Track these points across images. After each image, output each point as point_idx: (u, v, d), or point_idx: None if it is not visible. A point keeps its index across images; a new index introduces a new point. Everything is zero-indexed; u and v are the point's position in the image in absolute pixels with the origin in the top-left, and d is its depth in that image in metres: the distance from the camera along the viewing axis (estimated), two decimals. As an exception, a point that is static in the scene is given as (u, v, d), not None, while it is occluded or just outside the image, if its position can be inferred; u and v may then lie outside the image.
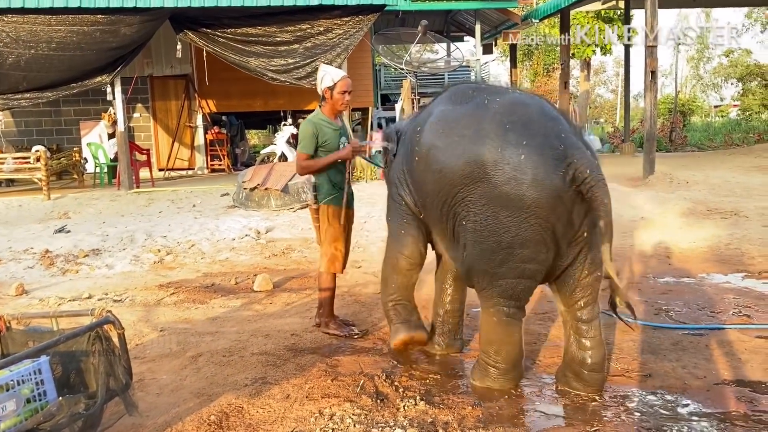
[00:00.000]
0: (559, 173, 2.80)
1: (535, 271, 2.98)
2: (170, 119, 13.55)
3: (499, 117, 2.94)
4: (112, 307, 4.61)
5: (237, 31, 10.23)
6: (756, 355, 3.48)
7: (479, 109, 3.04)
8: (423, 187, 3.26)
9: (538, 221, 2.84)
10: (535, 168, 2.80)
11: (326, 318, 4.18)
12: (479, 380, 3.24)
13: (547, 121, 2.94)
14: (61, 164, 11.49)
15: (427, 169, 3.16)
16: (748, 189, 9.42)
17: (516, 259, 2.92)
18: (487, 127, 2.92)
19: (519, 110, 2.98)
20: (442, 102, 3.32)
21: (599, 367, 3.08)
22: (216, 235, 7.33)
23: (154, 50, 12.46)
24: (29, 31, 9.26)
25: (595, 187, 2.80)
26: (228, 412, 2.99)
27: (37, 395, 2.35)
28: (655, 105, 10.78)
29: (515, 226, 2.86)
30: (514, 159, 2.82)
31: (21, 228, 7.85)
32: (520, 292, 3.05)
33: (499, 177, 2.84)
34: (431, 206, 3.22)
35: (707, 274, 5.39)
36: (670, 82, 34.01)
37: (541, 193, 2.80)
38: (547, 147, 2.83)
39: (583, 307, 3.08)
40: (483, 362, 3.22)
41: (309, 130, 4.02)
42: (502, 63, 32.54)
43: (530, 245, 2.88)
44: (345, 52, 10.45)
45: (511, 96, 3.14)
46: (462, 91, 3.31)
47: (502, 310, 3.07)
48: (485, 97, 3.10)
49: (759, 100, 29.51)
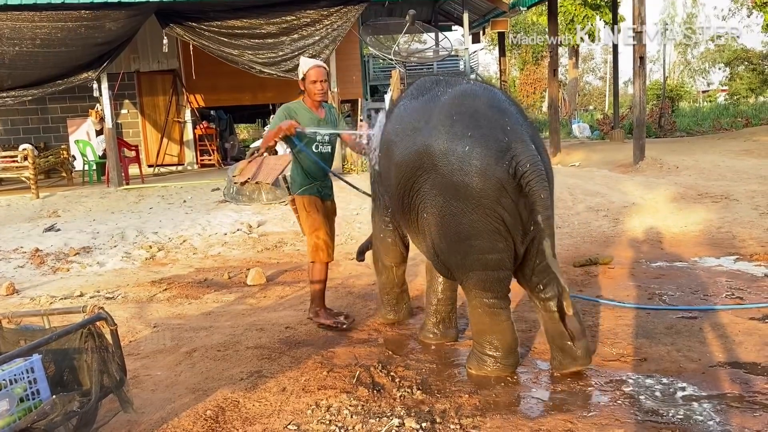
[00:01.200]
0: (502, 165, 2.86)
1: (499, 261, 3.01)
2: (158, 115, 13.44)
3: (447, 109, 3.02)
4: (105, 304, 4.58)
5: (223, 24, 10.15)
6: (750, 337, 3.50)
7: (431, 102, 3.13)
8: (387, 181, 3.39)
9: (487, 211, 2.89)
10: (479, 159, 2.86)
11: (316, 307, 4.16)
12: (475, 369, 3.25)
13: (494, 114, 2.98)
14: (49, 162, 11.38)
15: (389, 163, 3.29)
16: (738, 173, 9.47)
17: (476, 251, 2.98)
18: (436, 119, 3.01)
19: (467, 102, 3.04)
20: (406, 96, 3.43)
21: (579, 334, 3.13)
22: (207, 230, 7.29)
23: (140, 45, 12.34)
24: (12, 28, 9.14)
25: (533, 181, 2.82)
26: (224, 406, 2.97)
27: (30, 394, 2.33)
28: (644, 91, 10.79)
29: (467, 217, 2.92)
30: (459, 150, 2.89)
31: (10, 227, 7.78)
32: (492, 284, 3.07)
33: (447, 167, 2.92)
34: (395, 198, 3.33)
35: (699, 258, 5.41)
36: (658, 68, 34.13)
37: (486, 183, 2.86)
38: (491, 139, 2.89)
39: (543, 289, 3.17)
40: (477, 352, 3.26)
41: (281, 114, 4.07)
42: (490, 52, 32.53)
43: (485, 236, 2.93)
44: (333, 43, 10.39)
45: (463, 87, 3.20)
46: (422, 85, 3.39)
47: (482, 302, 3.12)
48: (440, 89, 3.19)
49: (746, 84, 29.63)
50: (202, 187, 9.99)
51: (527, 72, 31.53)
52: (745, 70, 29.94)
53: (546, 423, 2.69)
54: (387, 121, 3.50)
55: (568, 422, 2.69)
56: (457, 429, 2.67)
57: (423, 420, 2.73)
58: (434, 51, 15.63)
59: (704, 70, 36.97)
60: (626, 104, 22.09)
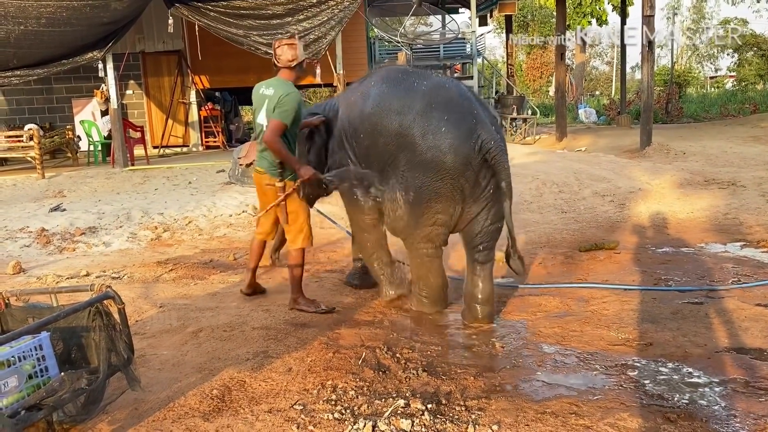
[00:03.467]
0: (470, 143, 3.49)
1: (446, 221, 3.66)
2: (163, 96, 13.40)
3: (427, 98, 3.60)
4: (111, 284, 4.59)
5: (229, 4, 10.07)
6: (756, 323, 3.49)
7: (410, 91, 3.68)
8: (368, 158, 3.82)
9: (452, 182, 3.51)
10: (452, 139, 3.48)
11: (296, 294, 4.15)
12: (415, 306, 3.97)
13: (463, 101, 3.63)
14: (54, 142, 11.38)
15: (372, 142, 3.75)
16: (745, 159, 9.42)
17: (432, 212, 3.59)
18: (418, 106, 3.57)
19: (442, 92, 3.66)
20: (377, 84, 3.86)
21: (487, 301, 3.76)
22: (213, 211, 7.29)
23: (145, 26, 12.29)
24: (18, 7, 9.07)
25: (498, 155, 3.51)
26: (230, 385, 2.99)
27: (38, 371, 2.35)
28: (652, 76, 10.71)
29: (434, 185, 3.52)
30: (435, 131, 3.50)
31: (16, 207, 7.80)
32: (435, 237, 3.71)
33: (424, 145, 3.51)
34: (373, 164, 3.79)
35: (706, 244, 5.39)
36: (665, 53, 33.80)
37: (456, 158, 3.48)
38: (462, 122, 3.52)
39: (482, 251, 3.76)
40: (416, 293, 3.95)
41: (298, 99, 3.93)
42: (497, 35, 32.26)
43: (443, 200, 3.56)
44: (339, 24, 10.31)
45: (435, 80, 3.85)
46: (393, 75, 3.94)
47: (422, 251, 3.75)
48: (414, 80, 3.75)
49: (755, 70, 29.36)
50: (207, 168, 9.98)
51: (534, 56, 31.28)
52: (753, 55, 29.65)
53: (551, 405, 2.70)
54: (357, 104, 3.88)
55: (573, 405, 2.70)
56: (462, 411, 2.68)
57: (428, 401, 2.75)
58: (441, 33, 15.51)
59: (712, 55, 36.63)
60: (633, 90, 21.90)
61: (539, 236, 5.87)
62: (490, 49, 33.48)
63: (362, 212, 4.01)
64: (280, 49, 3.97)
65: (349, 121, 3.92)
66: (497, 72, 20.63)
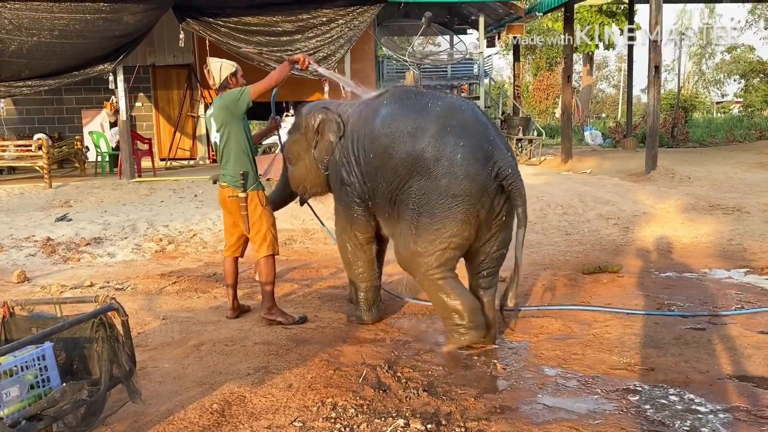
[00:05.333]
0: (487, 170, 3.37)
1: (460, 245, 3.49)
2: (172, 109, 13.51)
3: (442, 120, 3.47)
4: (114, 295, 4.60)
5: (240, 20, 10.20)
6: (759, 351, 3.48)
7: (424, 113, 3.56)
8: (375, 178, 3.70)
9: (467, 207, 3.37)
10: (468, 165, 3.35)
11: (269, 304, 4.17)
12: (455, 342, 3.50)
13: (479, 126, 3.50)
14: (63, 152, 11.47)
15: (381, 164, 3.62)
16: (750, 185, 9.41)
17: (445, 235, 3.42)
18: (432, 129, 3.44)
19: (457, 115, 3.51)
20: (389, 103, 3.75)
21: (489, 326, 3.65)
22: (218, 225, 7.31)
23: (156, 39, 12.41)
24: (32, 19, 9.21)
25: (514, 182, 3.40)
26: (230, 400, 2.98)
27: (40, 381, 2.36)
28: (658, 100, 10.75)
29: (450, 210, 3.37)
30: (451, 156, 3.36)
31: (22, 216, 7.85)
32: (447, 260, 3.50)
33: (440, 171, 3.37)
34: (381, 194, 3.68)
35: (710, 270, 5.38)
36: (672, 77, 33.89)
37: (472, 185, 3.35)
38: (478, 148, 3.40)
39: (485, 277, 3.68)
40: (451, 327, 3.51)
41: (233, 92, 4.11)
42: (504, 56, 32.46)
43: (458, 225, 3.40)
44: (348, 43, 10.43)
45: (450, 101, 3.71)
46: (406, 95, 3.81)
47: (436, 277, 3.49)
48: (428, 101, 3.62)
49: (761, 96, 29.41)
50: (214, 182, 10.03)
51: (540, 77, 31.44)
52: (760, 82, 29.73)
53: (551, 428, 2.69)
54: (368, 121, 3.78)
55: (573, 429, 2.69)
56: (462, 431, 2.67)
57: (428, 422, 2.74)
58: (449, 54, 15.63)
59: (719, 81, 36.74)
60: (639, 113, 21.98)
61: (543, 257, 5.87)
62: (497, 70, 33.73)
63: (359, 229, 3.95)
64: (206, 76, 4.23)
65: (359, 137, 3.82)
66: (504, 93, 20.74)
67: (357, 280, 4.10)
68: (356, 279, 4.11)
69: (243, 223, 4.13)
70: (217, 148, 4.16)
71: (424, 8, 13.74)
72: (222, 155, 4.12)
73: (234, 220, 4.22)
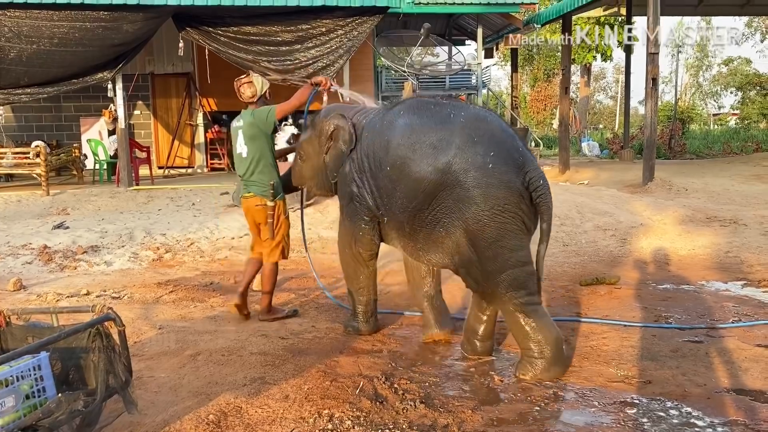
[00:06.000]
0: (520, 178, 3.29)
1: (527, 256, 3.37)
2: (171, 117, 13.52)
3: (468, 131, 3.36)
4: (111, 304, 4.58)
5: (239, 30, 10.22)
6: (756, 364, 3.48)
7: (447, 123, 3.42)
8: (392, 192, 3.57)
9: (511, 214, 3.27)
10: (501, 174, 3.26)
11: (267, 308, 4.48)
12: (530, 375, 3.36)
13: (507, 136, 3.41)
14: (61, 160, 11.46)
15: (400, 178, 3.49)
16: (747, 197, 9.44)
17: (507, 250, 3.29)
18: (458, 140, 3.33)
19: (483, 126, 3.41)
20: (406, 114, 3.63)
21: (488, 337, 3.70)
22: (215, 233, 7.31)
23: (155, 48, 12.44)
24: (31, 26, 9.23)
25: (543, 194, 3.31)
26: (226, 411, 2.97)
27: (36, 391, 2.34)
28: (655, 112, 10.79)
29: (494, 220, 3.26)
30: (482, 166, 3.26)
31: (19, 223, 7.83)
32: (526, 279, 3.34)
33: (474, 181, 3.26)
34: (399, 208, 3.55)
35: (707, 282, 5.39)
36: (669, 89, 34.08)
37: (509, 192, 3.26)
38: (509, 158, 3.31)
39: None
40: (528, 357, 3.38)
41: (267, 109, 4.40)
42: (502, 67, 32.58)
43: (512, 235, 3.29)
44: (347, 53, 10.45)
45: (474, 111, 3.61)
46: (425, 105, 3.66)
47: (519, 303, 3.32)
48: (450, 111, 3.49)
49: (758, 109, 29.57)
50: (212, 190, 10.03)
51: (538, 88, 31.55)
52: (757, 94, 29.89)
53: (548, 442, 2.69)
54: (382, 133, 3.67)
55: (570, 442, 2.68)
56: (459, 444, 2.66)
57: (425, 434, 2.73)
58: (447, 64, 15.69)
59: (716, 93, 36.92)
60: (636, 124, 22.06)
61: (540, 269, 5.86)
62: (495, 81, 33.84)
63: (363, 246, 3.92)
64: (242, 87, 4.37)
65: (374, 149, 3.69)
66: (501, 103, 20.81)
67: (357, 293, 4.09)
68: (357, 292, 4.09)
69: (269, 230, 4.37)
70: (242, 160, 4.39)
71: (422, 19, 13.79)
72: (248, 167, 4.36)
73: (258, 226, 4.47)
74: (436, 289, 4.03)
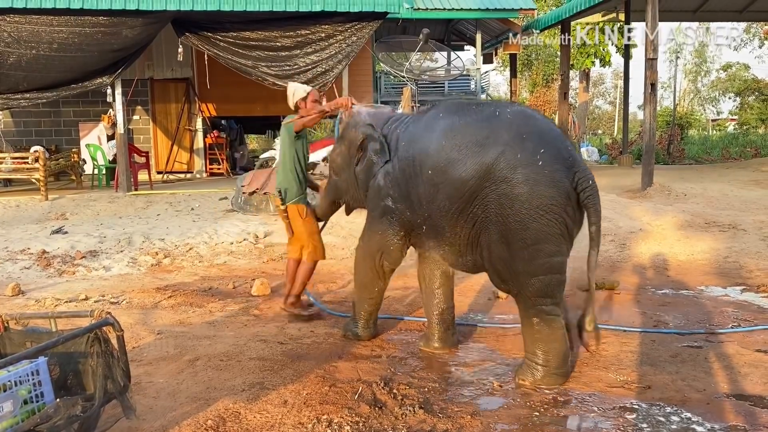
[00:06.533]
0: (569, 178, 3.18)
1: (562, 264, 3.27)
2: (170, 122, 13.54)
3: (516, 128, 3.24)
4: (109, 309, 4.58)
5: (239, 35, 10.24)
6: (756, 369, 3.47)
7: (493, 120, 3.31)
8: (435, 198, 3.40)
9: (555, 217, 3.15)
10: (551, 172, 3.14)
11: (294, 299, 4.64)
12: (529, 380, 3.34)
13: (556, 135, 3.32)
14: (60, 165, 11.46)
15: (444, 181, 3.33)
16: (746, 202, 9.44)
17: (543, 254, 3.19)
18: (506, 136, 3.21)
19: (531, 122, 3.31)
20: (446, 116, 3.51)
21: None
22: (214, 238, 7.31)
23: (155, 53, 12.47)
24: (31, 32, 9.25)
25: (592, 195, 3.22)
26: (225, 416, 2.97)
27: (34, 396, 2.33)
28: (654, 117, 10.80)
29: (536, 222, 3.14)
30: (532, 163, 3.14)
31: (18, 228, 7.82)
32: (555, 288, 3.29)
33: (520, 178, 3.13)
34: (441, 215, 3.40)
35: (706, 287, 5.39)
36: (668, 94, 34.18)
37: (557, 192, 3.14)
38: (559, 156, 3.20)
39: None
40: (531, 363, 3.36)
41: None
42: (501, 73, 32.65)
43: (552, 239, 3.18)
44: (346, 58, 10.47)
45: (520, 109, 3.50)
46: (463, 106, 3.59)
47: (541, 309, 3.28)
48: (495, 109, 3.41)
49: (756, 114, 29.63)
50: (210, 195, 10.03)
51: (537, 94, 31.58)
52: (755, 100, 29.96)
53: (548, 447, 2.68)
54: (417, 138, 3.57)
55: (570, 448, 2.67)
56: (459, 450, 2.65)
57: (424, 439, 2.72)
58: (446, 70, 15.73)
59: (714, 98, 37.00)
60: (635, 130, 22.11)
61: (539, 274, 5.86)
62: (494, 86, 33.91)
63: (389, 259, 3.83)
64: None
65: (413, 157, 3.52)
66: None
67: (366, 302, 4.04)
68: (366, 301, 4.04)
69: (286, 229, 4.67)
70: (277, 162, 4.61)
71: (421, 24, 13.86)
72: (278, 171, 4.72)
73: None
74: (448, 303, 3.91)
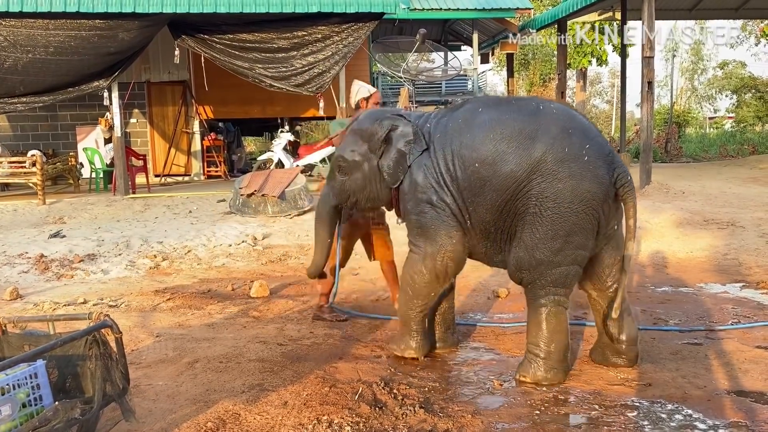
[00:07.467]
0: (611, 174, 3.29)
1: (585, 258, 3.36)
2: (167, 125, 13.52)
3: (562, 123, 3.32)
4: (108, 312, 4.57)
5: (235, 37, 10.23)
6: (756, 365, 3.47)
7: (539, 115, 3.35)
8: (482, 192, 3.34)
9: (591, 212, 3.24)
10: (595, 168, 3.24)
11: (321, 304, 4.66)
12: (530, 376, 3.35)
13: (597, 132, 3.45)
14: (57, 169, 11.44)
15: (492, 173, 3.30)
16: (744, 200, 9.44)
17: (572, 246, 3.27)
18: (554, 130, 3.27)
19: (575, 118, 3.41)
20: (488, 110, 3.46)
21: (634, 341, 3.53)
22: (212, 241, 7.29)
23: (151, 56, 12.45)
24: (27, 35, 9.24)
25: (630, 190, 3.35)
26: (225, 418, 2.95)
27: (32, 400, 2.32)
28: (651, 115, 10.80)
29: (574, 216, 3.22)
30: (578, 158, 3.23)
31: (16, 232, 7.80)
32: (571, 279, 3.37)
33: (566, 172, 3.21)
34: (486, 208, 3.36)
35: (705, 284, 5.39)
36: (665, 93, 34.20)
37: (599, 188, 3.24)
38: (602, 152, 3.32)
39: (611, 285, 3.48)
40: (533, 355, 3.36)
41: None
42: (498, 73, 32.68)
43: (583, 233, 3.27)
44: (343, 59, 10.46)
45: (562, 106, 3.61)
46: (501, 101, 3.74)
47: (553, 299, 3.34)
48: (538, 104, 3.45)
49: (753, 112, 29.64)
50: (208, 198, 10.01)
51: (534, 93, 31.63)
52: (752, 97, 29.98)
53: (549, 446, 2.67)
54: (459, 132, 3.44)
55: (571, 446, 2.66)
56: (460, 449, 2.65)
57: (425, 439, 2.71)
58: (443, 70, 15.74)
59: (711, 96, 37.02)
60: (632, 128, 22.10)
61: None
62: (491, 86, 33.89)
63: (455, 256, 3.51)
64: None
65: (453, 152, 3.41)
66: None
67: (420, 312, 3.67)
68: (419, 312, 3.67)
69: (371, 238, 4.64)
70: None
71: (418, 25, 13.87)
72: None
73: None
74: (449, 303, 3.88)
